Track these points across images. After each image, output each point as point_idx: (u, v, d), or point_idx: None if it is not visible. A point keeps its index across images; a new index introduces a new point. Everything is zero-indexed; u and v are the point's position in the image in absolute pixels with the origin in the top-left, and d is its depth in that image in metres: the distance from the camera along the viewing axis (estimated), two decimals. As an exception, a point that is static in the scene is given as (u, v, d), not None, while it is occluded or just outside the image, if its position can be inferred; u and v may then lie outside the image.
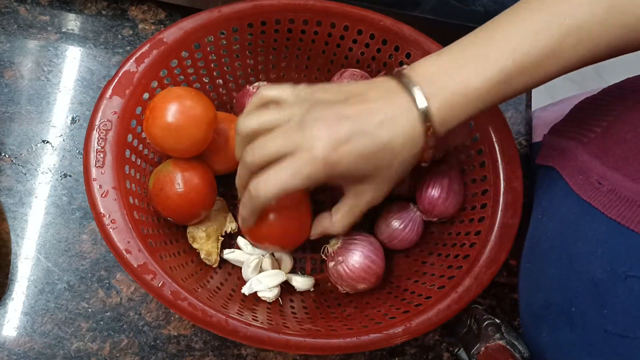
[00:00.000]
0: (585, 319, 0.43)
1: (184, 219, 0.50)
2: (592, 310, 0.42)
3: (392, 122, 0.39)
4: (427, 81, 0.40)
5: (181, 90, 0.47)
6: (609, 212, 0.42)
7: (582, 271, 0.43)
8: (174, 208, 0.48)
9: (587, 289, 0.43)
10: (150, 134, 0.46)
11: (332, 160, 0.39)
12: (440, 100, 0.39)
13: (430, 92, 0.39)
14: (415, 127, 0.40)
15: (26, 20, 0.61)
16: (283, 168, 0.39)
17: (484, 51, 0.39)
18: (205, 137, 0.48)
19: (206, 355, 0.52)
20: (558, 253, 0.47)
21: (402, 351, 0.54)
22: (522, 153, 0.64)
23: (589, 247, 0.43)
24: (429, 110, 0.39)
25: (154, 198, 0.48)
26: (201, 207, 0.50)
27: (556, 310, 0.46)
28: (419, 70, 0.41)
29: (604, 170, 0.44)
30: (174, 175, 0.48)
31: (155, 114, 0.46)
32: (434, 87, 0.40)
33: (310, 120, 0.39)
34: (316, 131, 0.39)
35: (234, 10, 0.52)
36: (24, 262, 0.52)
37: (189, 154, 0.49)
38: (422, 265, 0.52)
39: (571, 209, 0.46)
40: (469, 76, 0.39)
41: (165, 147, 0.47)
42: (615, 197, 0.42)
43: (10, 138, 0.56)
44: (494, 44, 0.39)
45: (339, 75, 0.57)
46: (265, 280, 0.50)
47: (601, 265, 0.41)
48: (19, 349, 0.49)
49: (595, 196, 0.43)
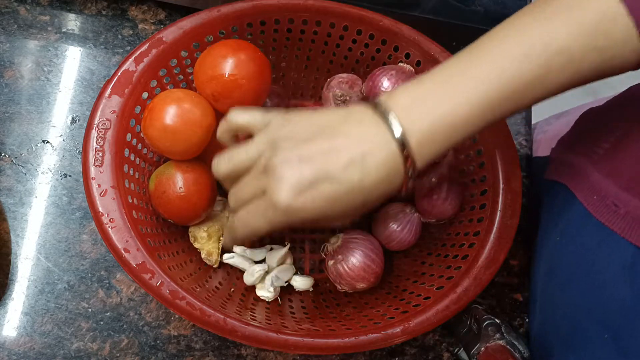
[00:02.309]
0: (618, 342, 0.42)
1: (185, 220, 0.50)
2: (627, 334, 0.42)
3: (363, 160, 0.36)
4: (406, 110, 0.37)
5: (181, 93, 0.47)
6: (628, 237, 0.41)
7: (611, 298, 0.43)
8: (175, 210, 0.48)
9: (618, 315, 0.42)
10: (148, 135, 0.46)
11: (294, 208, 0.37)
12: (419, 131, 0.36)
13: (410, 122, 0.36)
14: (391, 162, 0.37)
15: (26, 20, 0.61)
16: (250, 213, 0.39)
17: (467, 78, 0.37)
18: (202, 141, 0.48)
19: (206, 355, 0.52)
20: (582, 279, 0.46)
21: (402, 351, 0.54)
22: (521, 153, 0.64)
23: (615, 273, 0.43)
24: (407, 142, 0.36)
25: (156, 200, 0.48)
26: (202, 209, 0.50)
27: (585, 337, 0.46)
28: (398, 99, 0.38)
29: (617, 192, 0.44)
30: (176, 177, 0.48)
31: (153, 116, 0.46)
32: (413, 116, 0.37)
33: (275, 163, 0.37)
34: (278, 177, 0.37)
35: (234, 10, 0.52)
36: (24, 262, 0.52)
37: (186, 157, 0.49)
38: (421, 265, 0.52)
39: (592, 235, 0.46)
40: (452, 105, 0.36)
41: (162, 149, 0.47)
42: (632, 221, 0.42)
43: (10, 138, 0.56)
44: (477, 71, 0.37)
45: (326, 87, 0.57)
46: (281, 275, 0.51)
47: (631, 290, 0.41)
48: (19, 349, 0.50)
49: (614, 220, 0.43)
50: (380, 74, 0.53)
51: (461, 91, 0.36)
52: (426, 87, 0.37)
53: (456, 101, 0.36)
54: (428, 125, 0.36)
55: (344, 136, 0.37)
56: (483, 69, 0.36)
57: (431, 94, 0.37)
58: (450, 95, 0.37)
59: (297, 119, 0.39)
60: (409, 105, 0.37)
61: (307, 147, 0.37)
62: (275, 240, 0.56)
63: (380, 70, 0.53)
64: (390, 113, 0.37)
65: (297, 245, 0.56)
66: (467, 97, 0.36)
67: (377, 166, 0.37)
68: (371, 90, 0.53)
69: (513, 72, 0.36)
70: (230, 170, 0.41)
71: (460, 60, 0.38)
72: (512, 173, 0.50)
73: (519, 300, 0.57)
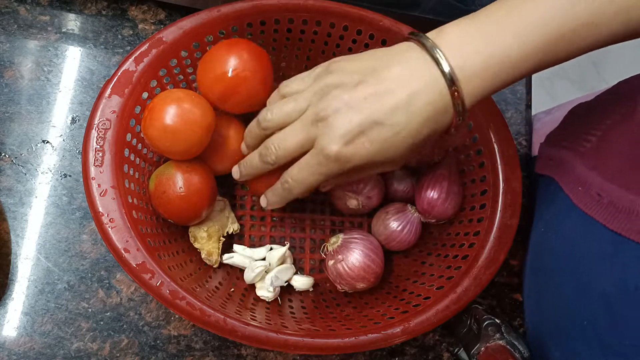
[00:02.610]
0: (598, 334, 0.42)
1: (185, 220, 0.50)
2: (605, 324, 0.42)
3: (409, 101, 0.37)
4: (455, 48, 0.36)
5: (181, 93, 0.47)
6: (610, 225, 0.41)
7: (592, 287, 0.43)
8: (175, 210, 0.48)
9: (598, 305, 0.42)
10: (148, 135, 0.46)
11: (345, 156, 0.38)
12: (470, 68, 0.36)
13: (459, 59, 0.36)
14: (439, 100, 0.37)
15: (26, 20, 0.61)
16: (303, 170, 0.40)
17: (519, 18, 0.36)
18: (202, 141, 0.48)
19: (206, 355, 0.52)
20: (566, 270, 0.46)
21: (402, 351, 0.54)
22: (522, 153, 0.64)
23: (597, 262, 0.43)
24: (456, 78, 0.36)
25: (155, 200, 0.48)
26: (202, 209, 0.50)
27: (568, 327, 0.46)
28: (447, 36, 0.37)
29: (601, 182, 0.44)
30: (176, 177, 0.48)
31: (153, 116, 0.46)
32: (463, 53, 0.36)
33: (325, 113, 0.38)
34: (328, 126, 0.38)
35: (234, 10, 0.52)
36: (24, 262, 0.52)
37: (186, 157, 0.49)
38: (421, 265, 0.52)
39: (575, 225, 0.46)
40: (503, 45, 0.36)
41: (162, 149, 0.47)
42: (614, 210, 0.42)
43: (10, 138, 0.56)
44: (530, 12, 0.36)
45: None
46: (281, 274, 0.50)
47: (611, 279, 0.41)
48: (19, 349, 0.50)
49: (597, 210, 0.43)
50: None
51: (513, 31, 0.36)
52: (477, 25, 0.37)
53: (507, 41, 0.36)
54: (478, 63, 0.36)
55: (389, 79, 0.37)
56: (536, 11, 0.36)
57: (482, 33, 0.37)
58: (502, 35, 0.36)
59: (343, 65, 0.40)
60: (458, 42, 0.37)
61: (354, 93, 0.38)
62: (275, 240, 0.56)
63: None
64: (438, 50, 0.37)
65: (297, 245, 0.56)
66: (518, 37, 0.36)
67: (424, 105, 0.37)
68: None
69: (566, 15, 0.35)
70: (281, 121, 0.41)
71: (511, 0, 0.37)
72: (512, 173, 0.50)
73: (519, 300, 0.57)
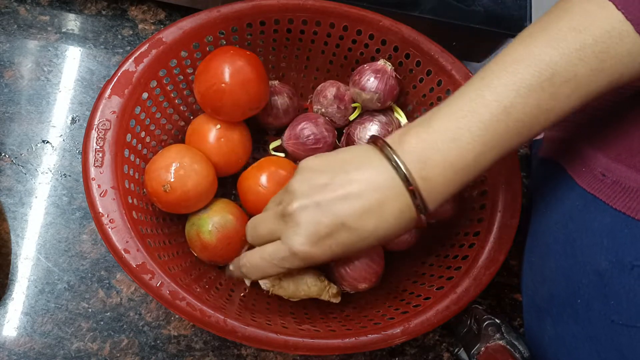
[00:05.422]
0: (590, 310, 0.43)
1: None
2: (597, 301, 0.42)
3: (378, 209, 0.38)
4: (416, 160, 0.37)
5: (180, 147, 0.51)
6: (613, 203, 0.42)
7: (587, 263, 0.43)
8: (234, 254, 0.49)
9: (592, 281, 0.43)
10: (149, 193, 0.49)
11: (310, 256, 0.39)
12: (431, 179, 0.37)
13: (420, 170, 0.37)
14: (406, 211, 0.38)
15: (26, 20, 0.61)
16: (265, 258, 0.41)
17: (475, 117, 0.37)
18: (207, 194, 0.51)
19: (206, 355, 0.52)
20: (562, 245, 0.47)
21: (402, 351, 0.54)
22: (522, 153, 0.64)
23: (594, 238, 0.43)
24: (419, 191, 0.37)
25: (219, 250, 0.50)
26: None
27: (561, 302, 0.46)
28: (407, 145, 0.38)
29: (607, 163, 0.44)
30: (236, 223, 0.51)
31: (151, 176, 0.48)
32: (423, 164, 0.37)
33: (292, 210, 0.39)
34: (295, 224, 0.39)
35: (233, 10, 0.52)
36: (24, 262, 0.52)
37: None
38: (421, 265, 0.52)
39: (575, 202, 0.46)
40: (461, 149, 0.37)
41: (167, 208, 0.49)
42: (619, 188, 0.42)
43: (10, 138, 0.56)
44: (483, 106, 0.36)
45: (322, 88, 0.57)
46: None
47: (606, 256, 0.41)
48: (19, 349, 0.50)
49: (600, 188, 0.43)
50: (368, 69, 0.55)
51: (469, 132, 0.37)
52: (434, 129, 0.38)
53: (464, 145, 0.37)
54: (439, 172, 0.37)
55: (357, 183, 0.38)
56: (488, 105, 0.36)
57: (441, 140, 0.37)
58: (459, 138, 0.37)
59: (312, 164, 0.41)
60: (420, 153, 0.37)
61: (323, 194, 0.38)
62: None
63: (368, 66, 0.55)
64: (400, 161, 0.37)
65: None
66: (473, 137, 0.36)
67: (392, 211, 0.38)
68: (356, 84, 0.55)
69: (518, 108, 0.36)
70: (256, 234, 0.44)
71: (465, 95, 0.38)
72: (512, 173, 0.50)
73: (519, 300, 0.57)
